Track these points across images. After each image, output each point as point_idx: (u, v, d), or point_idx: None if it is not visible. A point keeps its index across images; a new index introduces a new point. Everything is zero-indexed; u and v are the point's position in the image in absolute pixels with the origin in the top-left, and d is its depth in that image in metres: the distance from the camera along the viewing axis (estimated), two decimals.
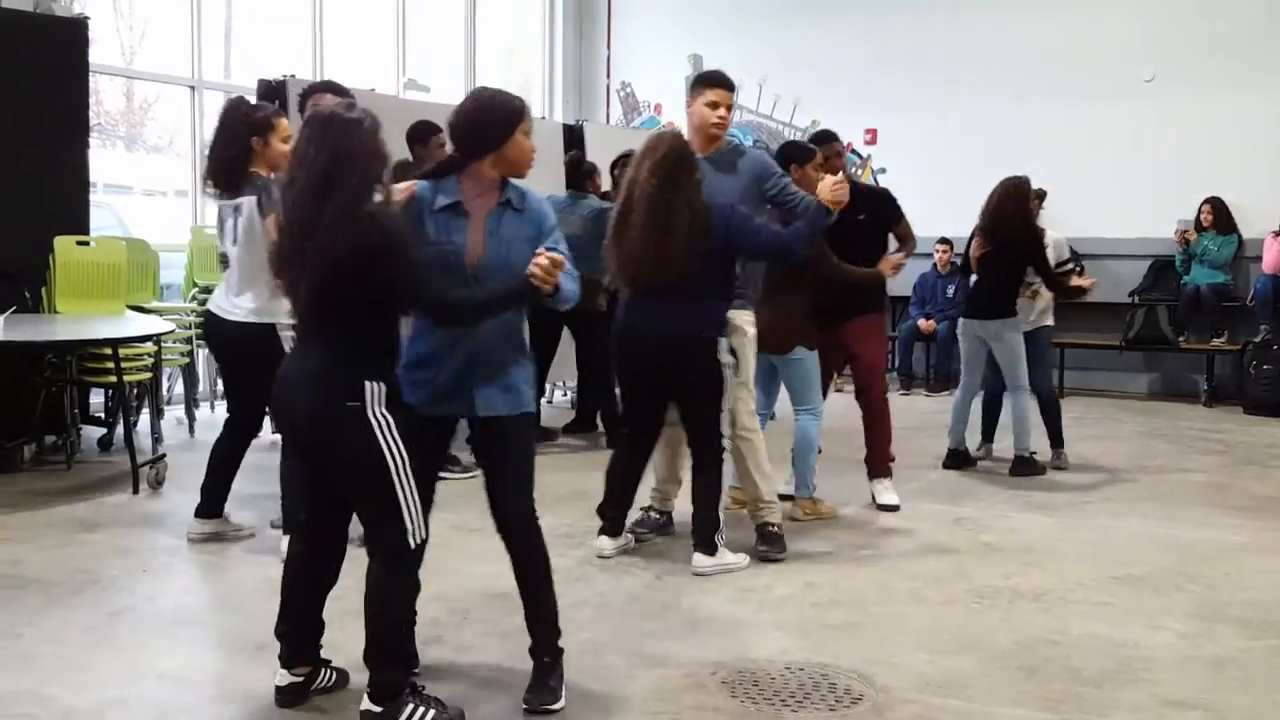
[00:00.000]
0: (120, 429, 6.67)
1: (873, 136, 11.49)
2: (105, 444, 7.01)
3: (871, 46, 11.14)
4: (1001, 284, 6.61)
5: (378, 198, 3.01)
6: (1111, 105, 10.19)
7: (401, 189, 3.23)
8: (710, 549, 4.62)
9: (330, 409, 2.99)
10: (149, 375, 6.89)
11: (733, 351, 4.68)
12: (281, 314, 4.56)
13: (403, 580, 3.09)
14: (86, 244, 7.21)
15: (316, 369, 3.02)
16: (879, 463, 5.86)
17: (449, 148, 3.33)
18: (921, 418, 8.60)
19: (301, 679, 3.26)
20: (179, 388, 8.23)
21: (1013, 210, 6.53)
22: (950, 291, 10.49)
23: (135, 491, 5.82)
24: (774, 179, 4.93)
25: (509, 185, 3.29)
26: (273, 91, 6.84)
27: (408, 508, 3.03)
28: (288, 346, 4.52)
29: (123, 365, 6.13)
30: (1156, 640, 3.94)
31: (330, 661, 3.34)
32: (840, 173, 4.99)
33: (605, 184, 7.51)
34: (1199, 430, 8.50)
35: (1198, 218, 9.93)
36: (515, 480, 3.31)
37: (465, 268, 3.18)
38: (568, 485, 5.85)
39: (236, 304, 4.71)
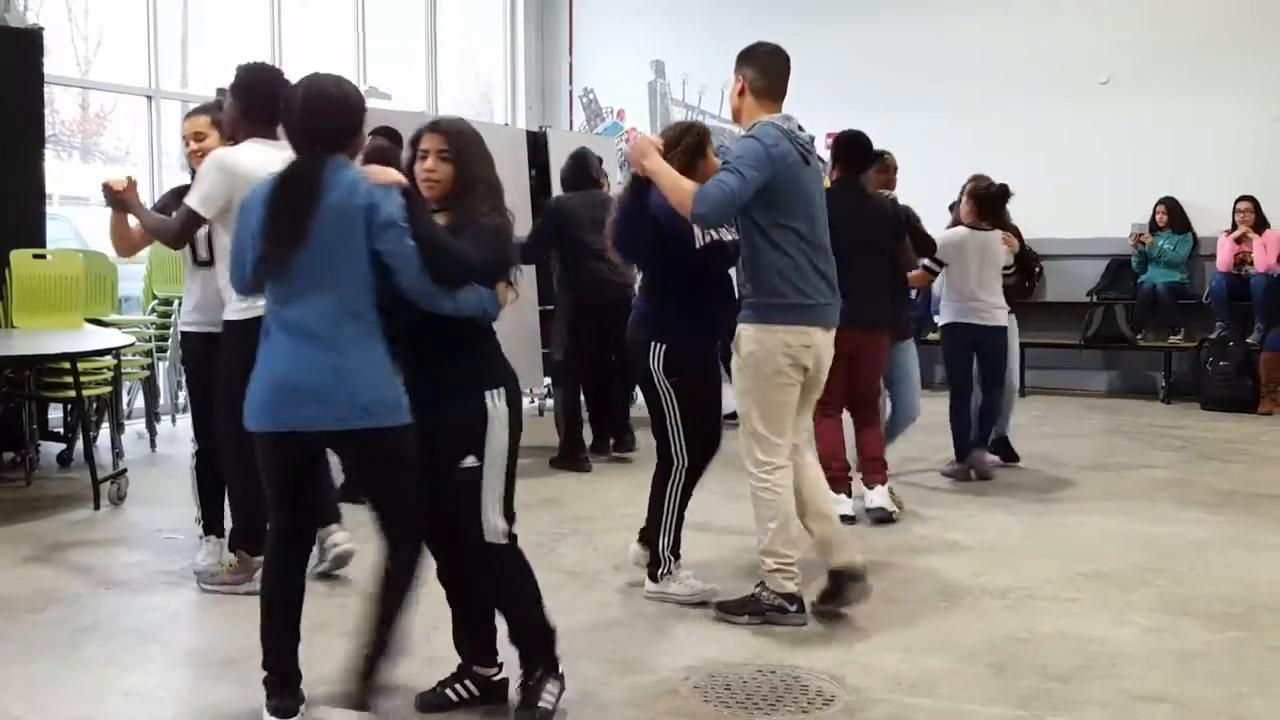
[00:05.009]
0: (80, 444, 6.58)
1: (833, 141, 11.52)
2: (65, 460, 6.91)
3: (830, 52, 11.15)
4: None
5: None
6: (1068, 108, 10.28)
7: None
8: (654, 578, 4.32)
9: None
10: (108, 389, 6.80)
11: (667, 370, 4.17)
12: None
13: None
14: (43, 257, 7.11)
15: None
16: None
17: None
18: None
19: None
20: (139, 401, 8.13)
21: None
22: (913, 294, 10.50)
23: (96, 507, 5.74)
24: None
25: None
26: None
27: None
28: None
29: (82, 379, 6.05)
30: (1124, 635, 3.98)
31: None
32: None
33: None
34: (1158, 427, 8.60)
35: (1153, 218, 10.06)
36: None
37: None
38: (536, 492, 5.83)
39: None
